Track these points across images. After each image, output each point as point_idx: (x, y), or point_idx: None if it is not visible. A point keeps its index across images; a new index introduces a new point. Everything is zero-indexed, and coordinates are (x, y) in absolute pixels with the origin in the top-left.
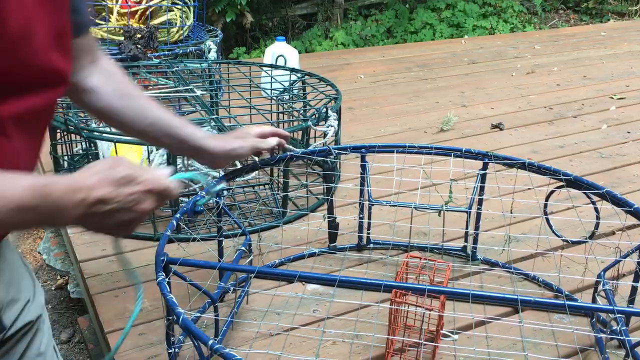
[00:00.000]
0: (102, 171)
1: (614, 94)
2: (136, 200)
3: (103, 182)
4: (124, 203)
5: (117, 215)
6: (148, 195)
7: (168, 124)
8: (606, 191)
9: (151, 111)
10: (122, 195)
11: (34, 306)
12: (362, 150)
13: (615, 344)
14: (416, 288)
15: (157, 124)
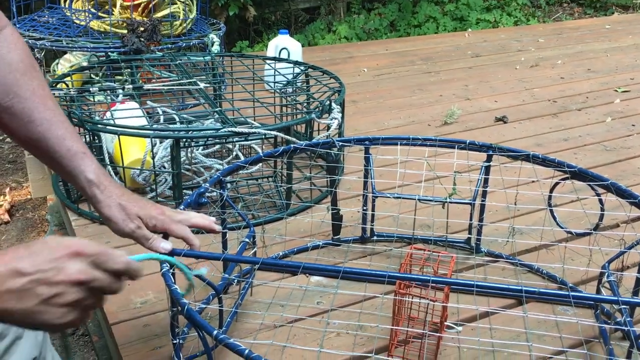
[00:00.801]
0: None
1: (618, 87)
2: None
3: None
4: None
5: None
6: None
7: (54, 148)
8: (611, 183)
9: (39, 123)
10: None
11: (23, 346)
12: (366, 142)
13: (619, 335)
14: (420, 279)
15: (40, 141)
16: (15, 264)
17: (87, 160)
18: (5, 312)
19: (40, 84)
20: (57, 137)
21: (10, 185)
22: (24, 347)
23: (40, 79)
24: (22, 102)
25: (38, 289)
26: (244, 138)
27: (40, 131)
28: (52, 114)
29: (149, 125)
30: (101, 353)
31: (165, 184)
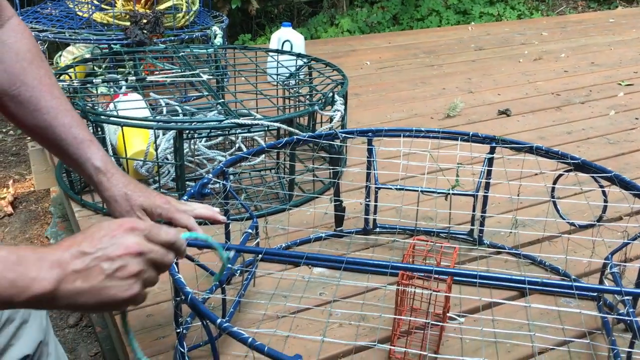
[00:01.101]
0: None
1: (622, 81)
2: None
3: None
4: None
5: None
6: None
7: (60, 136)
8: (614, 174)
9: (45, 111)
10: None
11: (30, 330)
12: (369, 134)
13: (622, 327)
14: (423, 269)
15: (46, 129)
16: (77, 247)
17: (94, 148)
18: (76, 293)
19: (47, 73)
20: (64, 124)
21: (14, 177)
22: (31, 331)
23: (46, 68)
24: (29, 91)
25: (102, 265)
26: (247, 130)
27: (47, 119)
28: (59, 102)
29: (152, 117)
30: (104, 344)
31: (168, 176)
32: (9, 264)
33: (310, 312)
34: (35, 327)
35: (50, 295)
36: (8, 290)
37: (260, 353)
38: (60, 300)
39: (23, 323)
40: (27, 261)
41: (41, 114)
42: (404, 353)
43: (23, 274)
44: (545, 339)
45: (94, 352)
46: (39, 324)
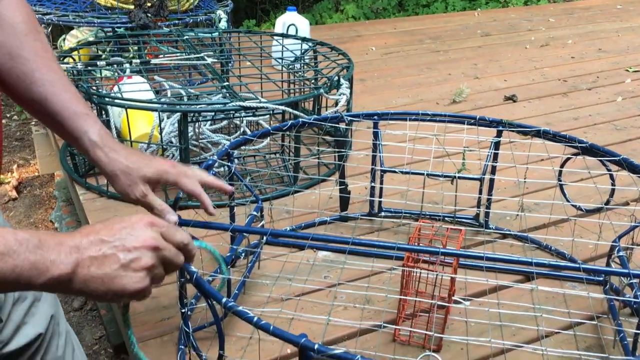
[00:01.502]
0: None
1: (629, 67)
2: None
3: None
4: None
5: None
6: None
7: (55, 109)
8: (623, 158)
9: (41, 84)
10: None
11: (42, 307)
12: (375, 117)
13: (628, 312)
14: (429, 251)
15: (41, 102)
16: (95, 235)
17: (90, 121)
18: (90, 278)
19: (44, 47)
20: (60, 98)
21: (18, 162)
22: (43, 309)
23: (43, 41)
24: (25, 64)
25: (118, 254)
26: (252, 113)
27: (42, 92)
28: (55, 75)
29: (157, 99)
30: (109, 326)
31: (173, 159)
32: (31, 246)
33: (314, 294)
34: (47, 305)
35: (67, 278)
36: (29, 272)
37: (266, 332)
38: (74, 284)
39: (35, 301)
40: (48, 245)
41: (36, 86)
42: (409, 335)
43: (44, 257)
44: (551, 323)
45: (98, 336)
46: (51, 301)
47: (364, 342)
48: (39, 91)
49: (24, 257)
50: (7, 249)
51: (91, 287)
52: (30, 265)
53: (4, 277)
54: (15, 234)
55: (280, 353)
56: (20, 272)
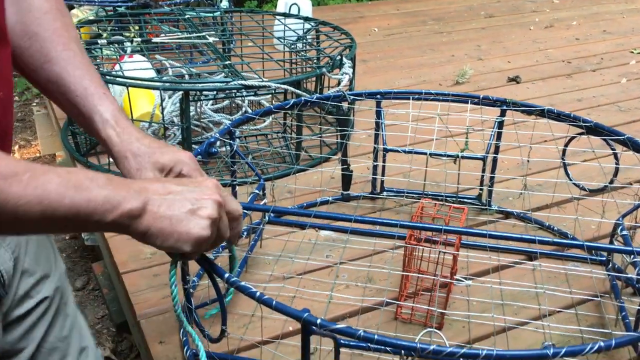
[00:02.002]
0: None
1: (634, 49)
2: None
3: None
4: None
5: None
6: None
7: (70, 88)
8: (628, 137)
9: (56, 64)
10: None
11: (49, 284)
12: (378, 96)
13: (630, 291)
14: (432, 228)
15: (56, 82)
16: (164, 183)
17: (106, 100)
18: (159, 217)
19: (65, 27)
20: (75, 76)
21: (19, 143)
22: (51, 285)
23: (65, 22)
24: (40, 41)
25: (186, 199)
26: (253, 92)
27: (57, 71)
28: (73, 54)
29: (158, 78)
30: (111, 305)
31: (174, 138)
32: (102, 183)
33: (316, 273)
34: (54, 282)
35: (137, 213)
36: (102, 206)
37: (268, 307)
38: (143, 221)
39: (44, 277)
40: (117, 183)
41: (51, 65)
42: (411, 313)
43: (115, 192)
44: (553, 302)
45: (100, 315)
46: (59, 279)
47: (365, 320)
48: (53, 70)
49: (97, 192)
50: (80, 184)
51: (159, 225)
52: (103, 199)
53: (77, 211)
54: (85, 172)
55: (282, 330)
56: (95, 206)
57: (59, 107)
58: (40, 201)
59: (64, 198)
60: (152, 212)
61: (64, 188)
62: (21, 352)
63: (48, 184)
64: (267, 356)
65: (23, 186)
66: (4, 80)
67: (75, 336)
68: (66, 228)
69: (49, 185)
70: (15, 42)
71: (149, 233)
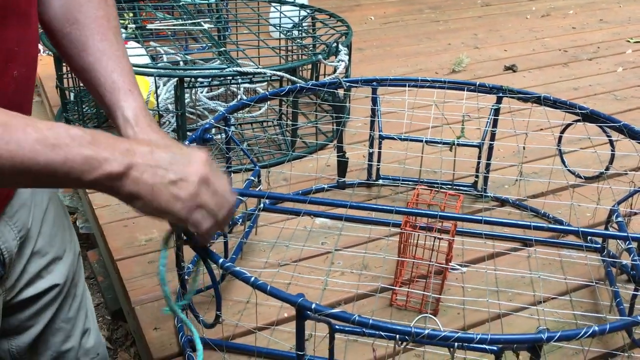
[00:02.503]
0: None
1: (630, 38)
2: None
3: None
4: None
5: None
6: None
7: (100, 80)
8: (623, 124)
9: (92, 52)
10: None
11: (62, 266)
12: (374, 83)
13: (624, 278)
14: (428, 214)
15: (89, 72)
16: (153, 147)
17: (130, 97)
18: (142, 183)
19: (106, 15)
20: (106, 69)
21: None
22: (63, 266)
23: (107, 10)
24: (80, 29)
25: (169, 170)
26: (249, 80)
27: (91, 61)
28: (109, 45)
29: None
30: (107, 292)
31: (169, 126)
32: (84, 142)
33: (311, 260)
34: (67, 264)
35: (118, 176)
36: (80, 167)
37: (263, 292)
38: (126, 185)
39: (56, 259)
40: (101, 142)
41: (87, 54)
42: (406, 300)
43: (97, 153)
44: (548, 289)
45: (96, 303)
46: (72, 261)
47: (360, 307)
48: (88, 60)
49: (77, 152)
50: (59, 142)
51: (141, 191)
52: (82, 160)
53: (54, 170)
54: (68, 129)
55: (277, 316)
56: (72, 165)
57: (90, 92)
58: (11, 157)
59: (38, 155)
60: (134, 177)
61: (41, 145)
62: (27, 330)
63: (23, 140)
64: (262, 342)
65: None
66: (23, 60)
67: (80, 317)
68: (47, 184)
69: (23, 142)
70: (57, 27)
71: (131, 197)
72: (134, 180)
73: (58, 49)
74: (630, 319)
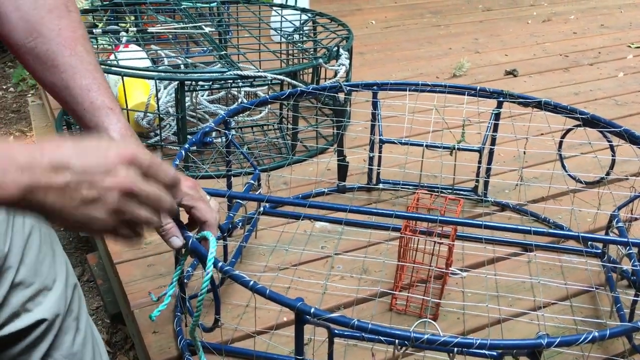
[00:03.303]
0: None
1: (631, 43)
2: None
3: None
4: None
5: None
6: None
7: (76, 99)
8: (624, 129)
9: (63, 71)
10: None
11: (51, 297)
12: (374, 87)
13: (625, 284)
14: (428, 219)
15: (62, 90)
16: (61, 157)
17: (113, 117)
18: (51, 208)
19: (70, 25)
20: (81, 86)
21: (14, 134)
22: (53, 298)
23: (71, 19)
24: (46, 44)
25: (81, 188)
26: (249, 83)
27: (64, 78)
28: (79, 60)
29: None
30: (106, 296)
31: (170, 129)
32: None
33: (311, 264)
34: (57, 297)
35: (15, 201)
36: None
37: (262, 296)
38: (32, 208)
39: (44, 289)
40: (2, 150)
41: (58, 71)
42: (406, 305)
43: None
44: (548, 294)
45: (95, 306)
46: (62, 293)
47: (360, 311)
48: (60, 77)
49: None
50: None
51: (54, 215)
52: None
53: None
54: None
55: (276, 321)
56: None
57: (64, 109)
58: None
59: None
60: (38, 201)
61: None
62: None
63: None
64: (261, 346)
65: None
66: None
67: (87, 353)
68: None
69: None
70: (18, 41)
71: (43, 217)
72: (39, 204)
73: (22, 63)
74: (631, 325)
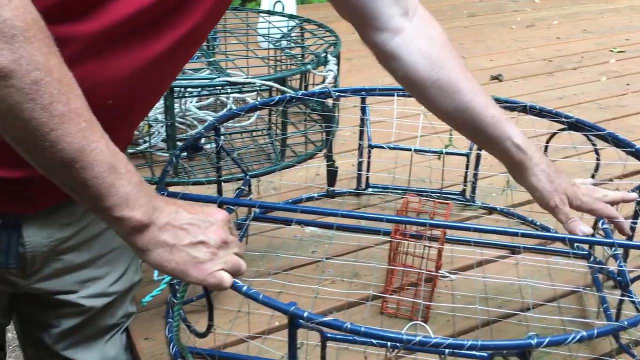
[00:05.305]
0: None
1: (613, 47)
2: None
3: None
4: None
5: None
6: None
7: (479, 116)
8: (608, 133)
9: (464, 93)
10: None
11: (98, 286)
12: (362, 92)
13: (611, 284)
14: (418, 222)
15: (464, 111)
16: (176, 206)
17: (511, 126)
18: (160, 242)
19: (458, 55)
20: (481, 104)
21: None
22: (97, 288)
23: (456, 50)
24: (447, 74)
25: (191, 231)
26: (238, 90)
27: (465, 100)
28: (472, 83)
29: None
30: None
31: (159, 136)
32: (134, 180)
33: (302, 269)
34: (102, 287)
35: (140, 227)
36: (118, 199)
37: (255, 300)
38: (141, 239)
39: (96, 278)
40: (144, 190)
41: (460, 95)
42: (397, 308)
43: (137, 196)
44: (536, 295)
45: None
46: (107, 287)
47: (351, 315)
48: (461, 100)
49: (124, 184)
50: (116, 166)
51: (157, 250)
52: (124, 194)
53: (96, 188)
54: (124, 159)
55: (268, 325)
56: (109, 192)
57: (457, 130)
58: (77, 149)
59: (93, 167)
60: (153, 234)
61: (104, 156)
62: None
63: (99, 153)
64: (254, 351)
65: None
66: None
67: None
68: (75, 192)
69: (100, 154)
70: (421, 78)
71: (147, 252)
72: (153, 237)
73: (421, 96)
74: (617, 324)
